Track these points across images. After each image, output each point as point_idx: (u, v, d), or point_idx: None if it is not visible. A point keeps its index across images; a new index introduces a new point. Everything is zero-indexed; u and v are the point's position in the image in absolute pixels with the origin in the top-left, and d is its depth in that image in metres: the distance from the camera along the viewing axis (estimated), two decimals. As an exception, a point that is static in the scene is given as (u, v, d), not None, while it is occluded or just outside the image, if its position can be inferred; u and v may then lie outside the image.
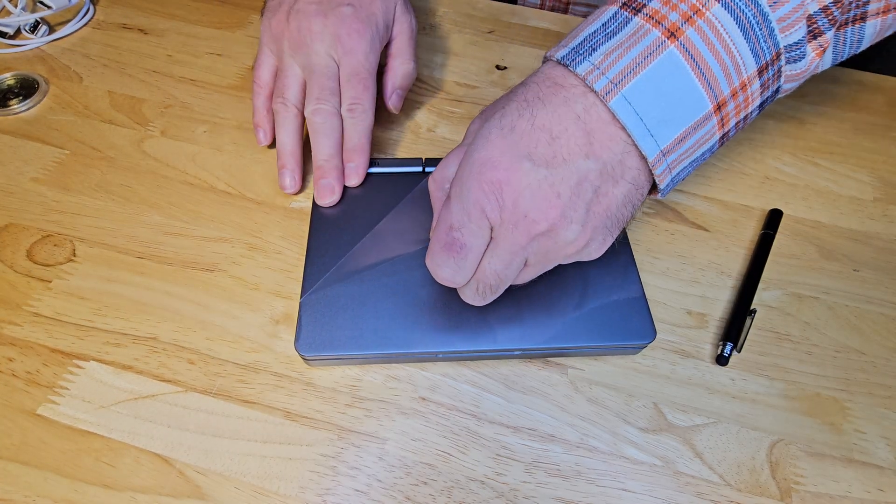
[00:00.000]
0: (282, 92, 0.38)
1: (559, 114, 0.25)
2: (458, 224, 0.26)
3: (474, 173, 0.26)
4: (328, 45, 0.38)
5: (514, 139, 0.25)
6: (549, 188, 0.25)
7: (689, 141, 0.27)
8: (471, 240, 0.26)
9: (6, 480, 0.29)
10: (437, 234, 0.27)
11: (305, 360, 0.32)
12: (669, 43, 0.25)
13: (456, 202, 0.26)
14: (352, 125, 0.38)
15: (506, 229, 0.26)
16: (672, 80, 0.25)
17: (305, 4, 0.38)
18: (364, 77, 0.38)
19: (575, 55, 0.26)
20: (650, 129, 0.25)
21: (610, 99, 0.25)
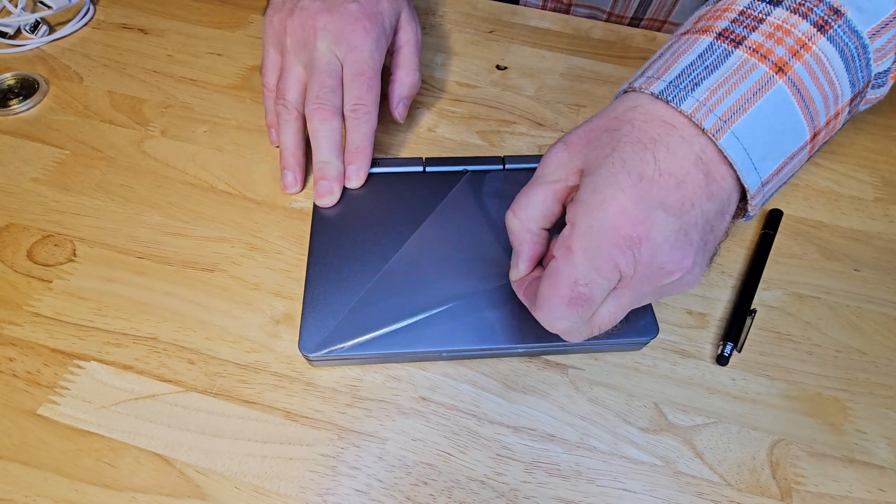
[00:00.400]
0: (283, 93, 0.38)
1: (680, 157, 0.24)
2: (586, 280, 0.24)
3: (608, 228, 0.24)
4: (331, 42, 0.37)
5: (645, 188, 0.24)
6: (683, 237, 0.24)
7: (784, 171, 0.27)
8: (597, 294, 0.25)
9: (6, 480, 0.29)
10: (556, 287, 0.25)
11: (308, 360, 0.32)
12: (778, 78, 0.24)
13: (582, 256, 0.24)
14: (354, 126, 0.37)
15: (637, 280, 0.25)
16: (779, 115, 0.25)
17: (310, 1, 0.38)
18: (369, 76, 0.37)
19: (675, 90, 0.25)
20: (755, 163, 0.25)
21: (720, 137, 0.24)
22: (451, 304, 0.32)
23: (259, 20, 0.52)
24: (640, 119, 0.25)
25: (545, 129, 0.45)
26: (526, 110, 0.46)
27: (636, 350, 0.34)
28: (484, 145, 0.44)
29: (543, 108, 0.47)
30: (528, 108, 0.47)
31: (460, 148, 0.44)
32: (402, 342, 0.31)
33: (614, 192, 0.24)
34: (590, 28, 0.53)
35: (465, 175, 0.38)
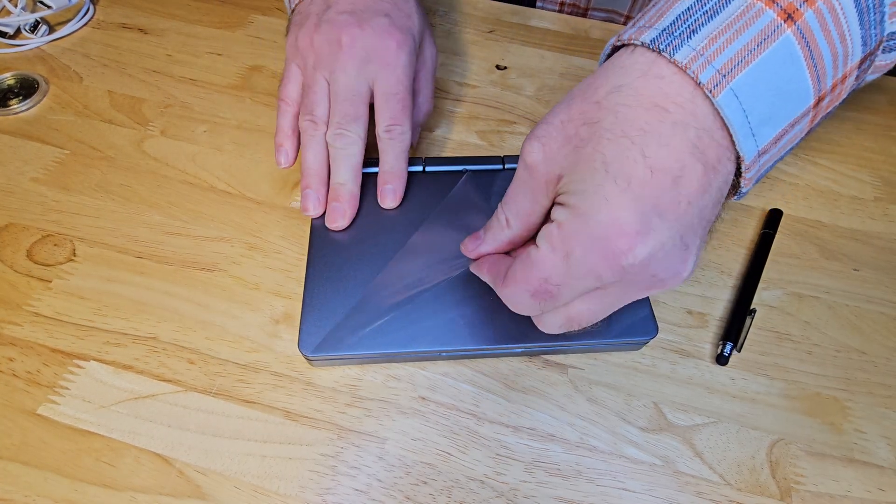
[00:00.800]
0: (311, 109, 0.35)
1: (674, 147, 0.21)
2: (558, 281, 0.23)
3: (596, 239, 0.22)
4: (361, 61, 0.35)
5: (636, 192, 0.21)
6: (679, 244, 0.22)
7: (782, 140, 0.24)
8: (566, 294, 0.24)
9: (6, 480, 0.29)
10: (525, 275, 0.24)
11: (308, 360, 0.32)
12: (786, 27, 0.21)
13: (562, 259, 0.23)
14: (389, 147, 0.36)
15: (622, 286, 0.23)
16: (784, 71, 0.22)
17: (336, 14, 0.35)
18: (403, 97, 0.35)
19: (669, 38, 0.22)
20: (753, 128, 0.22)
21: (717, 94, 0.21)
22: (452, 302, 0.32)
23: (259, 20, 0.52)
24: (626, 104, 0.22)
25: (545, 129, 0.45)
26: (526, 110, 0.46)
27: (636, 350, 0.34)
28: (484, 145, 0.44)
29: (543, 109, 0.47)
30: (528, 108, 0.47)
31: (460, 148, 0.44)
32: (401, 342, 0.31)
33: (601, 200, 0.21)
34: (590, 28, 0.53)
35: (464, 175, 0.38)
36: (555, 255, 0.23)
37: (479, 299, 0.32)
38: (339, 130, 0.35)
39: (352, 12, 0.35)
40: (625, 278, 0.22)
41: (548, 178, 0.24)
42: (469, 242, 0.29)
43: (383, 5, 0.36)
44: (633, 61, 0.23)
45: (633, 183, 0.21)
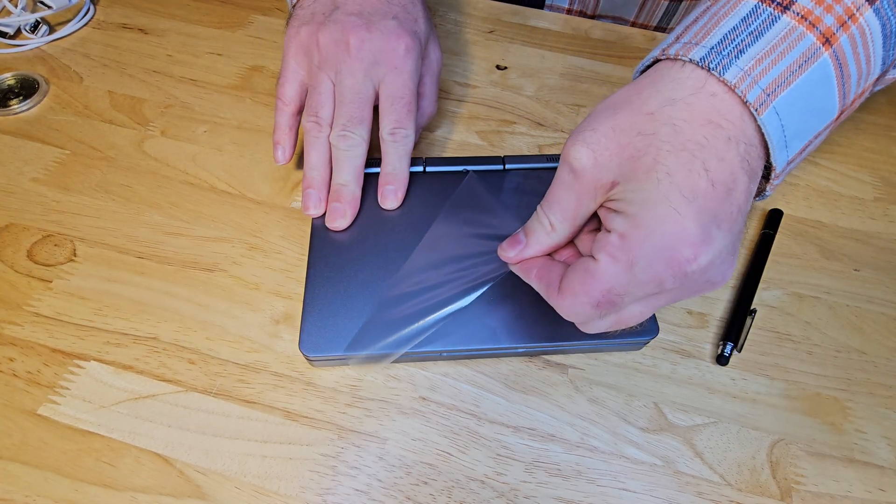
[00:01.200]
0: (315, 110, 0.35)
1: (728, 162, 0.23)
2: (622, 290, 0.24)
3: (663, 249, 0.22)
4: (369, 64, 0.35)
5: (700, 204, 0.22)
6: (732, 250, 0.24)
7: (807, 151, 0.26)
8: (627, 301, 0.24)
9: (7, 480, 0.29)
10: (588, 286, 0.24)
11: (309, 360, 0.32)
12: (824, 50, 0.23)
13: (627, 269, 0.23)
14: (393, 149, 0.36)
15: (678, 291, 0.24)
16: (818, 90, 0.24)
17: (344, 15, 0.35)
18: (409, 101, 0.36)
19: (718, 56, 0.23)
20: (787, 141, 0.24)
21: (762, 112, 0.23)
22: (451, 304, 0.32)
23: (259, 20, 0.52)
24: (682, 118, 0.23)
25: (545, 129, 0.45)
26: (526, 110, 0.46)
27: (636, 350, 0.34)
28: (484, 145, 0.44)
29: (543, 108, 0.47)
30: (528, 108, 0.47)
31: (460, 148, 0.44)
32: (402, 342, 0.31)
33: (668, 210, 0.22)
34: (590, 28, 0.53)
35: (468, 175, 0.38)
36: (618, 265, 0.23)
37: (480, 300, 0.32)
38: (344, 132, 0.35)
39: (360, 14, 0.35)
40: (684, 284, 0.23)
41: (597, 184, 0.24)
42: (509, 248, 0.28)
43: (392, 8, 0.36)
44: (685, 76, 0.24)
45: (698, 195, 0.22)
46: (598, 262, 0.24)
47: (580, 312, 0.25)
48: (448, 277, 0.33)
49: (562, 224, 0.26)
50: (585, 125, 0.25)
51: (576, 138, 0.25)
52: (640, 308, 0.25)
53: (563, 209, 0.26)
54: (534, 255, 0.28)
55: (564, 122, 0.46)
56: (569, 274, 0.25)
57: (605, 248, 0.24)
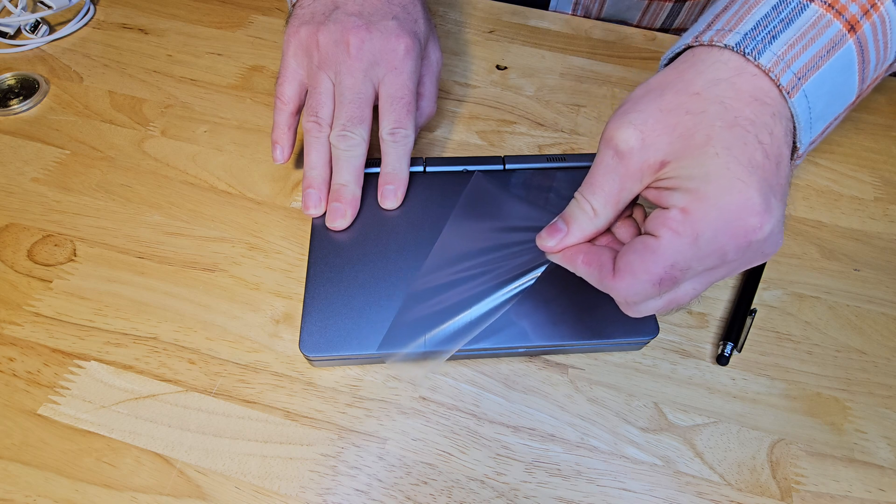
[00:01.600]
0: (315, 110, 0.35)
1: (776, 136, 0.24)
2: (685, 265, 0.24)
3: (729, 220, 0.23)
4: (369, 64, 0.35)
5: (760, 175, 0.23)
6: (784, 219, 0.24)
7: (824, 134, 0.27)
8: (688, 277, 0.24)
9: (7, 480, 0.29)
10: (649, 264, 0.24)
11: (309, 360, 0.32)
12: (849, 37, 0.24)
13: (692, 242, 0.23)
14: (392, 149, 0.36)
15: (736, 265, 0.25)
16: (841, 75, 0.25)
17: (345, 15, 0.35)
18: (408, 101, 0.36)
19: (753, 42, 0.24)
20: (812, 123, 0.25)
21: (794, 94, 0.24)
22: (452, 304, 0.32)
23: (259, 20, 0.52)
24: (729, 97, 0.24)
25: (545, 129, 0.45)
26: (526, 110, 0.46)
27: (636, 350, 0.34)
28: (484, 145, 0.44)
29: (543, 108, 0.47)
30: (528, 108, 0.47)
31: (460, 148, 0.44)
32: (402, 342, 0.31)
33: (732, 181, 0.23)
34: (590, 28, 0.53)
35: (474, 174, 0.38)
36: (681, 239, 0.23)
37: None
38: (344, 132, 0.35)
39: (360, 14, 0.35)
40: (744, 255, 0.24)
41: (644, 165, 0.25)
42: (548, 237, 0.28)
43: (392, 9, 0.36)
44: (725, 60, 0.24)
45: (756, 166, 0.23)
46: (660, 238, 0.24)
47: (639, 292, 0.25)
48: (477, 272, 0.33)
49: (605, 208, 0.26)
50: (628, 108, 0.25)
51: (620, 121, 0.25)
52: (693, 286, 0.25)
53: (607, 193, 0.26)
54: (575, 243, 0.27)
55: (564, 122, 0.46)
56: (625, 255, 0.25)
57: (665, 223, 0.24)
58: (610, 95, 0.48)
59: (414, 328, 0.32)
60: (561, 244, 0.27)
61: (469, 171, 0.39)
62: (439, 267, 0.33)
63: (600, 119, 0.46)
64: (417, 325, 0.32)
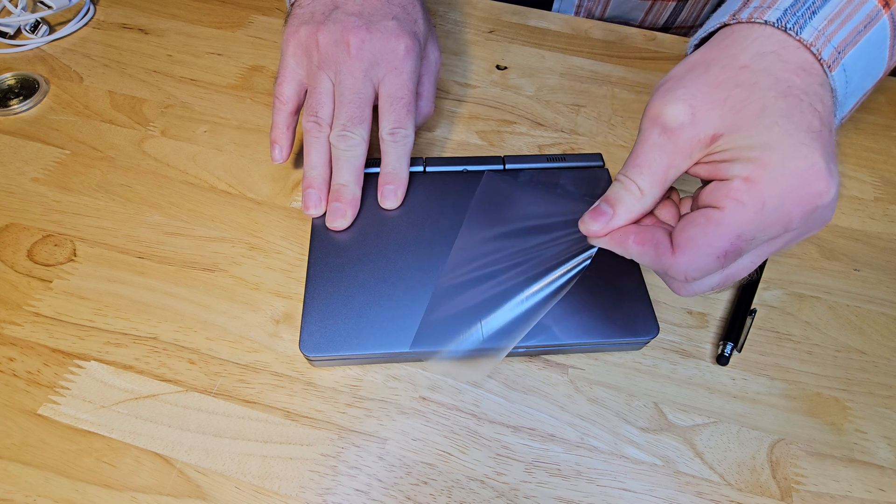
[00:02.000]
0: (315, 110, 0.35)
1: (827, 104, 0.24)
2: (751, 235, 0.23)
3: (795, 185, 0.23)
4: (369, 64, 0.35)
5: (821, 142, 0.23)
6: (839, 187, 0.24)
7: (854, 108, 0.27)
8: (751, 248, 0.24)
9: (7, 480, 0.29)
10: (713, 237, 0.23)
11: (309, 360, 0.32)
12: (884, 13, 0.25)
13: (758, 211, 0.23)
14: (392, 149, 0.36)
15: (796, 233, 0.24)
16: (874, 50, 0.25)
17: (344, 15, 0.35)
18: (408, 101, 0.36)
19: (794, 17, 0.24)
20: (847, 99, 0.25)
21: (834, 68, 0.24)
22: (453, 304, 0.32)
23: (259, 20, 0.52)
24: (778, 69, 0.24)
25: (545, 129, 0.45)
26: (526, 110, 0.46)
27: (636, 350, 0.34)
28: (484, 145, 0.44)
29: (543, 108, 0.47)
30: (528, 108, 0.47)
31: (460, 148, 0.44)
32: (402, 341, 0.31)
33: (796, 147, 0.23)
34: (590, 28, 0.53)
35: (486, 173, 0.38)
36: (746, 209, 0.23)
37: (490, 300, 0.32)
38: (344, 132, 0.35)
39: (360, 14, 0.35)
40: (807, 222, 0.24)
41: (694, 141, 0.24)
42: (593, 221, 0.27)
43: (391, 9, 0.36)
44: (767, 34, 0.25)
45: (815, 132, 0.23)
46: (724, 209, 0.23)
47: (701, 268, 0.24)
48: (507, 265, 0.33)
49: (652, 188, 0.26)
50: (673, 85, 0.25)
51: (667, 97, 0.25)
52: (751, 258, 0.25)
53: (654, 172, 0.25)
54: (623, 225, 0.27)
55: (564, 122, 0.46)
56: (685, 230, 0.24)
57: (728, 194, 0.23)
58: (610, 95, 0.48)
59: (449, 325, 0.31)
60: (607, 227, 0.27)
61: (469, 171, 0.39)
62: (464, 263, 0.33)
63: (600, 119, 0.46)
64: (452, 323, 0.31)
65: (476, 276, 0.33)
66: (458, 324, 0.31)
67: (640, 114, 0.46)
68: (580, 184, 0.38)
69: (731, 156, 0.24)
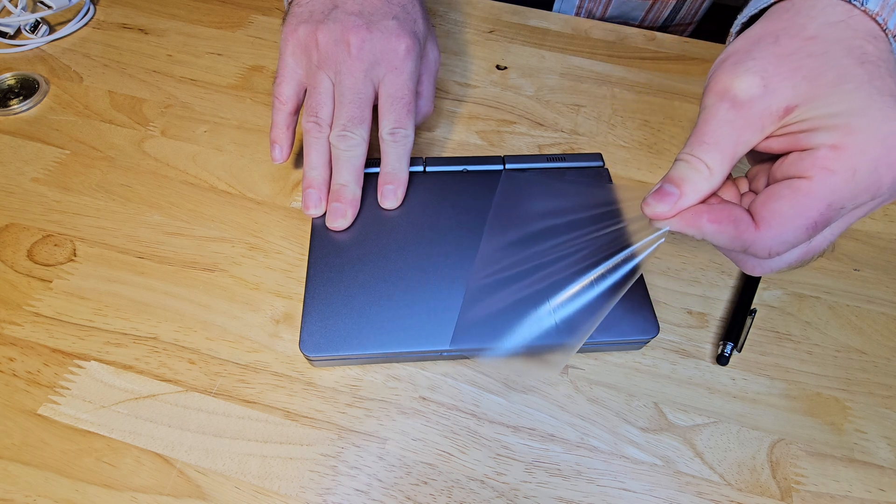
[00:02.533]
0: (315, 110, 0.35)
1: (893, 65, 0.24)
2: (841, 203, 0.23)
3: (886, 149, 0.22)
4: (368, 64, 0.35)
5: None
6: None
7: None
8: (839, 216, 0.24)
9: (7, 480, 0.29)
10: (802, 208, 0.23)
11: (309, 360, 0.32)
12: None
13: (849, 178, 0.23)
14: (392, 150, 0.36)
15: (882, 199, 0.24)
16: None
17: (344, 14, 0.35)
18: (409, 101, 0.36)
19: None
20: None
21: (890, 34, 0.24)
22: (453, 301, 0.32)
23: (259, 20, 0.52)
24: (848, 37, 0.24)
25: (545, 129, 0.45)
26: (526, 110, 0.46)
27: (636, 350, 0.34)
28: (484, 145, 0.44)
29: (543, 108, 0.47)
30: (528, 108, 0.47)
31: (460, 148, 0.44)
32: (404, 341, 0.31)
33: (884, 111, 0.23)
34: (590, 28, 0.53)
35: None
36: (837, 177, 0.23)
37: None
38: (344, 132, 0.35)
39: (360, 14, 0.35)
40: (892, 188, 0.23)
41: (766, 113, 0.24)
42: (658, 203, 0.26)
43: (391, 8, 0.36)
44: (833, 5, 0.25)
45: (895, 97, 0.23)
46: (812, 178, 0.23)
47: (788, 240, 0.24)
48: (552, 258, 0.33)
49: (721, 165, 0.25)
50: (740, 58, 0.25)
51: (736, 70, 0.25)
52: (832, 230, 0.25)
53: (723, 148, 0.25)
54: (691, 205, 0.26)
55: (564, 122, 0.46)
56: (769, 202, 0.24)
57: (816, 163, 0.23)
58: (610, 95, 0.48)
59: (498, 321, 0.31)
60: (676, 208, 0.26)
61: (469, 171, 0.39)
62: (497, 259, 0.33)
63: (600, 119, 0.46)
64: (500, 318, 0.31)
65: (521, 269, 0.32)
66: (507, 320, 0.31)
67: (640, 114, 0.46)
68: None
69: (812, 125, 0.23)
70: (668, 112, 0.47)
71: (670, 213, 0.26)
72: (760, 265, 0.26)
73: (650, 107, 0.47)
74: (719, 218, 0.25)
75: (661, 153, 0.44)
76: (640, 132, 0.45)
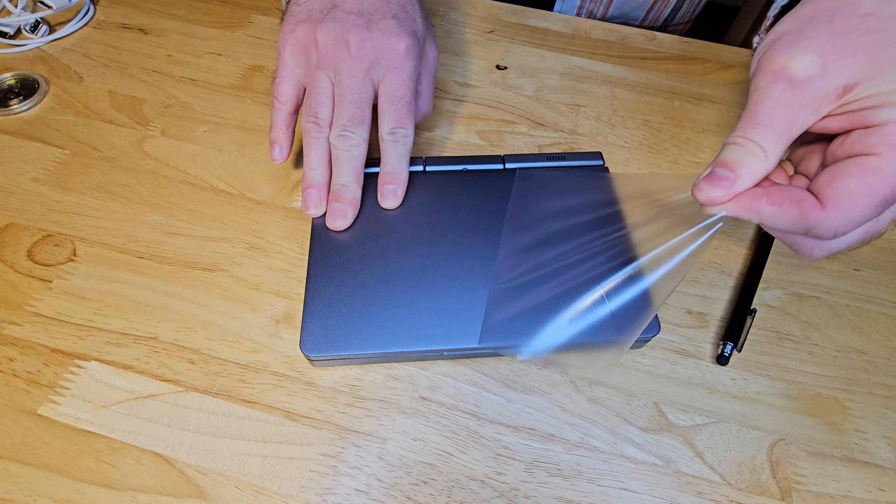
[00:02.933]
0: (315, 110, 0.35)
1: None
2: None
3: None
4: (368, 63, 0.34)
5: None
6: None
7: None
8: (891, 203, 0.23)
9: (7, 480, 0.29)
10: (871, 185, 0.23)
11: (309, 360, 0.32)
12: None
13: None
14: (392, 149, 0.36)
15: None
16: None
17: (344, 13, 0.35)
18: (409, 100, 0.36)
19: None
20: None
21: None
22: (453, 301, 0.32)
23: (259, 20, 0.52)
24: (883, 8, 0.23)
25: (545, 129, 0.45)
26: (526, 110, 0.46)
27: (636, 350, 0.34)
28: (484, 145, 0.44)
29: (543, 108, 0.47)
30: (528, 108, 0.47)
31: (460, 147, 0.44)
32: (404, 341, 0.31)
33: None
34: (590, 28, 0.53)
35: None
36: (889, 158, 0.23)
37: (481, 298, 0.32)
38: (344, 132, 0.35)
39: (359, 13, 0.35)
40: None
41: (823, 93, 0.24)
42: (712, 188, 0.25)
43: (391, 8, 0.36)
44: None
45: None
46: (881, 154, 0.23)
47: (856, 219, 0.24)
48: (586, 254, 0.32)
49: (776, 147, 0.25)
50: (794, 37, 0.24)
51: (792, 49, 0.24)
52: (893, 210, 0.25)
53: (778, 130, 0.24)
54: (747, 188, 0.25)
55: (564, 122, 0.46)
56: (836, 181, 0.24)
57: (884, 139, 0.23)
58: (610, 95, 0.48)
59: (536, 316, 0.31)
60: (731, 192, 0.25)
61: (469, 171, 0.39)
62: (522, 257, 0.33)
63: (600, 119, 0.46)
64: (538, 314, 0.31)
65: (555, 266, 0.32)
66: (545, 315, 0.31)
67: (640, 114, 0.46)
68: None
69: (875, 102, 0.23)
70: (668, 112, 0.47)
71: (725, 198, 0.25)
72: (821, 247, 0.25)
73: (650, 107, 0.47)
74: (779, 200, 0.24)
75: (661, 153, 0.44)
76: (640, 132, 0.45)
